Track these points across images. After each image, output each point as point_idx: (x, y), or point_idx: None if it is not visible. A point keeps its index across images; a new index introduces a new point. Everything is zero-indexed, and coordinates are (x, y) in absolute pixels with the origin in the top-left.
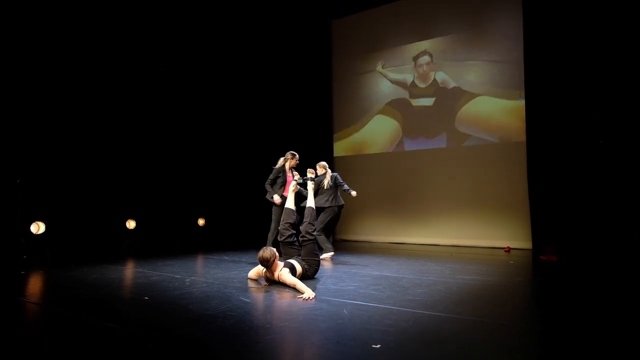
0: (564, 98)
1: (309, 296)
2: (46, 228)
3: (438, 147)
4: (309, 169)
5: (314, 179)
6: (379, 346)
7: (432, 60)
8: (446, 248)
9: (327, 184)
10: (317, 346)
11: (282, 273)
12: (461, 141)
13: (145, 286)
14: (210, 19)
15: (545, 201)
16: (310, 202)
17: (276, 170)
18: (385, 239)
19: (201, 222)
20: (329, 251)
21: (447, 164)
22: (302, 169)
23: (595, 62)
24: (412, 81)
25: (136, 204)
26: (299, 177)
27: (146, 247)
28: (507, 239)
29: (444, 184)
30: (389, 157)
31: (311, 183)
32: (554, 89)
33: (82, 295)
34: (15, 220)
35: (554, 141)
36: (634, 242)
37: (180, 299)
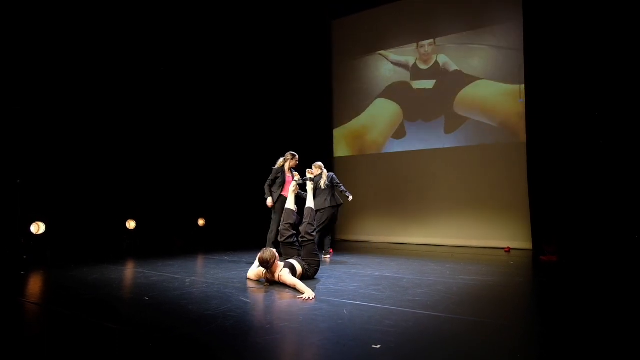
0: (564, 98)
1: (309, 296)
2: (46, 228)
3: (436, 130)
4: (308, 170)
5: (313, 179)
6: (379, 347)
7: (434, 43)
8: (446, 248)
9: (324, 184)
10: (317, 346)
11: (282, 273)
12: (459, 124)
13: (145, 286)
14: (211, 19)
15: (545, 201)
16: (310, 203)
17: (275, 171)
18: (385, 239)
19: (201, 222)
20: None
21: (447, 164)
22: (302, 169)
23: (595, 62)
24: (413, 63)
25: (136, 204)
26: (299, 178)
27: (146, 247)
28: (507, 239)
29: (444, 184)
30: (389, 157)
31: (310, 184)
32: (554, 89)
33: (82, 295)
34: (15, 220)
35: (554, 141)
36: (634, 242)
37: (180, 299)
